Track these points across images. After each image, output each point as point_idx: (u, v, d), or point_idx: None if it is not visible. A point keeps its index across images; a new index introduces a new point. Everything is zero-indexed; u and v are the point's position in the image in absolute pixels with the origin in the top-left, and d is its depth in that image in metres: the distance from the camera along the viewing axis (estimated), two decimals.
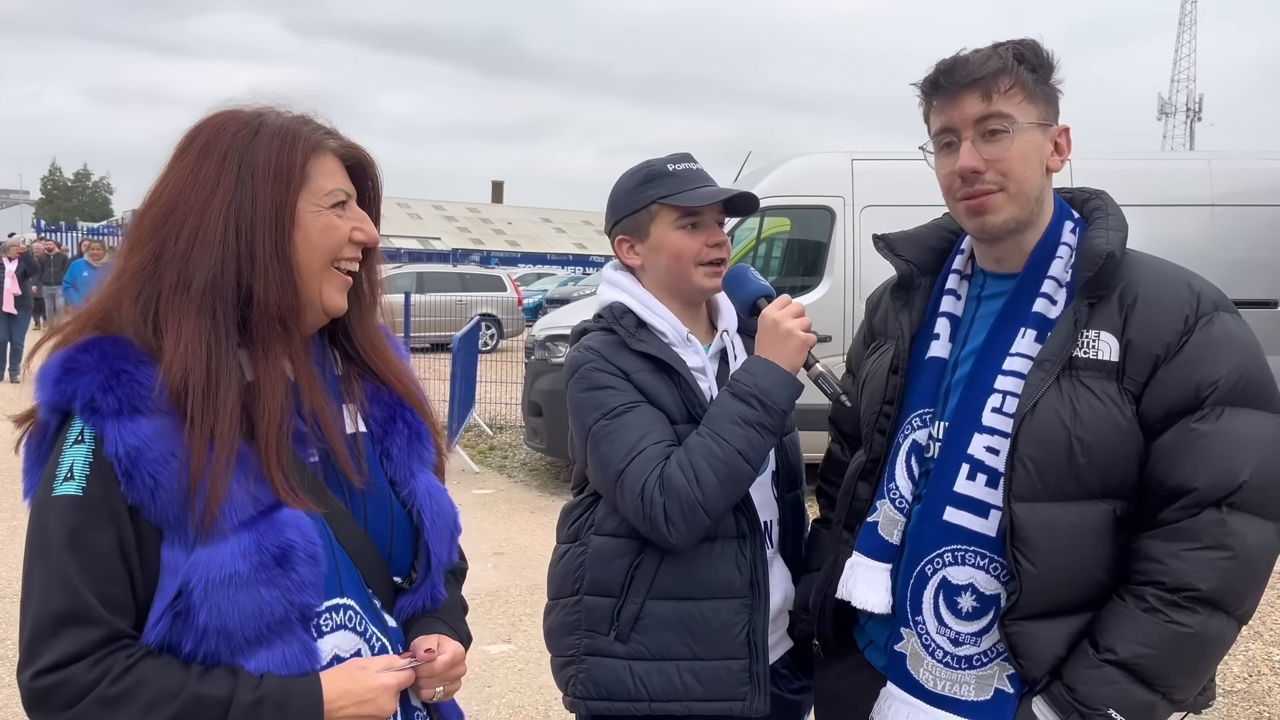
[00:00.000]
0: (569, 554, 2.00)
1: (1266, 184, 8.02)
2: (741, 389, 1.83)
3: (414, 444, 1.49)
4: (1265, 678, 4.71)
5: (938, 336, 1.77)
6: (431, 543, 1.45)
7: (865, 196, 7.90)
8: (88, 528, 1.19)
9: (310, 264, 1.35)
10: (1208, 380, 1.55)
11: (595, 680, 1.92)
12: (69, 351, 1.25)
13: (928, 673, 1.68)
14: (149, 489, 1.20)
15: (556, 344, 8.37)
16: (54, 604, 1.18)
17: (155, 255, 1.30)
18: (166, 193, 1.32)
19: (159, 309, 1.28)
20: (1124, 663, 1.52)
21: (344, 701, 1.28)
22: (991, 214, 1.65)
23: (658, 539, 1.85)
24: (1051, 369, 1.58)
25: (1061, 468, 1.56)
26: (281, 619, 1.24)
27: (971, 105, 1.62)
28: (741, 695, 1.91)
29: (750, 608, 1.92)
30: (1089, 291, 1.61)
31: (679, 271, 1.98)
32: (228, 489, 1.23)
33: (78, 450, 1.22)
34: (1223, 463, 1.52)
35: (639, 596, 1.90)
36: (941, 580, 1.67)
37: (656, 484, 1.82)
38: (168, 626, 1.21)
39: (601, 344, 1.97)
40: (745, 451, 1.81)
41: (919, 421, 1.75)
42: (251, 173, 1.32)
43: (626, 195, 2.02)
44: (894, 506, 1.76)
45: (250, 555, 1.22)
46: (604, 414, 1.90)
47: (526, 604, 5.50)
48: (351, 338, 1.48)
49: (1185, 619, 1.50)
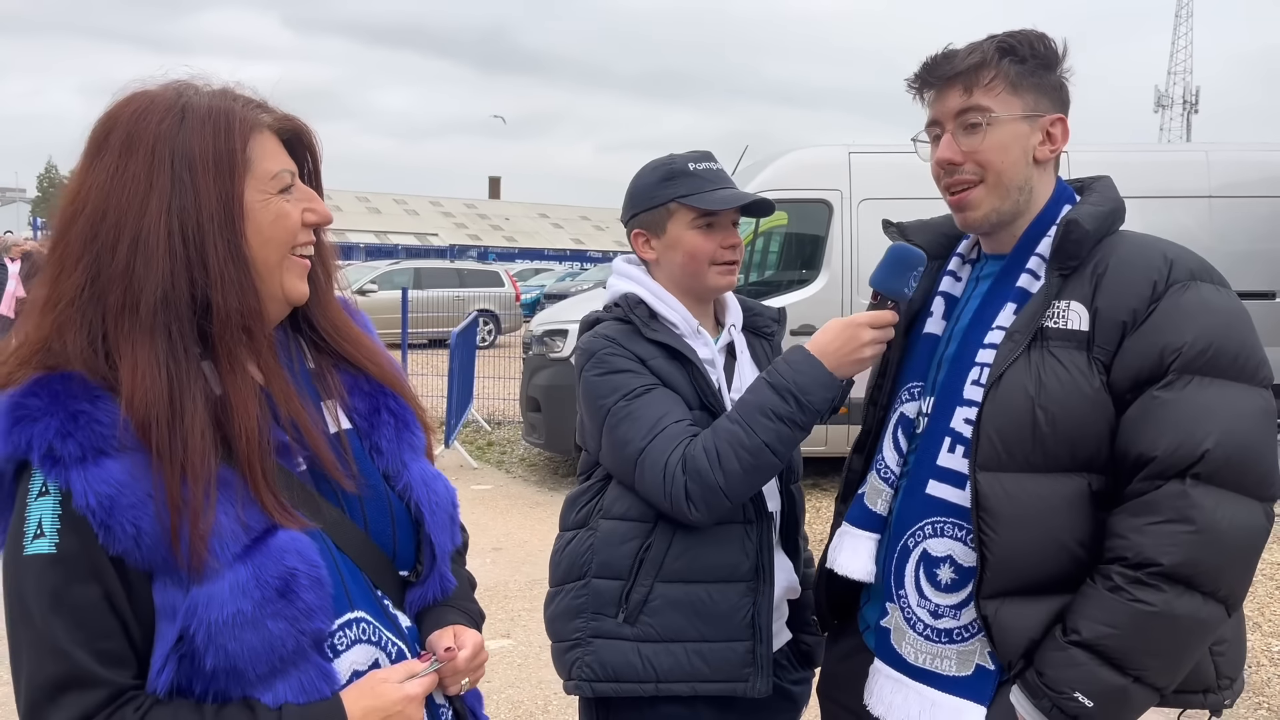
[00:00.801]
0: (576, 539, 2.02)
1: (1264, 175, 8.01)
2: (780, 382, 1.82)
3: (402, 433, 1.40)
4: (1264, 668, 4.72)
5: (932, 314, 1.81)
6: (434, 533, 1.38)
7: (863, 189, 7.89)
8: (69, 585, 1.09)
9: (267, 258, 1.23)
10: (1172, 346, 1.51)
11: (603, 662, 1.94)
12: (14, 396, 1.12)
13: (910, 646, 1.70)
14: (131, 537, 1.10)
15: (554, 339, 8.36)
16: (46, 671, 1.10)
17: (91, 275, 1.15)
18: (91, 199, 1.16)
19: (107, 335, 1.15)
20: (1088, 644, 1.50)
21: (372, 718, 1.20)
22: (972, 209, 1.69)
23: (678, 515, 1.88)
24: (1021, 339, 1.59)
25: (1026, 437, 1.56)
26: (294, 650, 1.16)
27: (953, 99, 1.67)
28: (745, 676, 1.94)
29: (755, 591, 1.96)
30: (1058, 261, 1.61)
31: (693, 270, 2.02)
32: (212, 524, 1.12)
33: (43, 503, 1.11)
34: (1182, 431, 1.48)
35: (648, 579, 1.93)
36: (922, 553, 1.69)
37: (680, 462, 1.84)
38: (174, 671, 1.13)
39: (617, 331, 2.00)
40: (773, 445, 1.81)
41: (908, 395, 1.79)
42: (188, 166, 1.17)
43: (646, 190, 2.05)
44: (880, 478, 1.79)
45: (251, 591, 1.12)
46: (623, 395, 1.93)
47: (525, 599, 5.50)
48: (313, 323, 1.37)
49: (1149, 596, 1.47)
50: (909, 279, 1.78)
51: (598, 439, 2.00)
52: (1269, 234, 7.86)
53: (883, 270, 1.80)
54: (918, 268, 1.78)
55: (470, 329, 10.51)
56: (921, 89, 1.72)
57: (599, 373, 1.96)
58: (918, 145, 1.79)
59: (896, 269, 1.78)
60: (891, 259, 1.79)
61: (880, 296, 1.80)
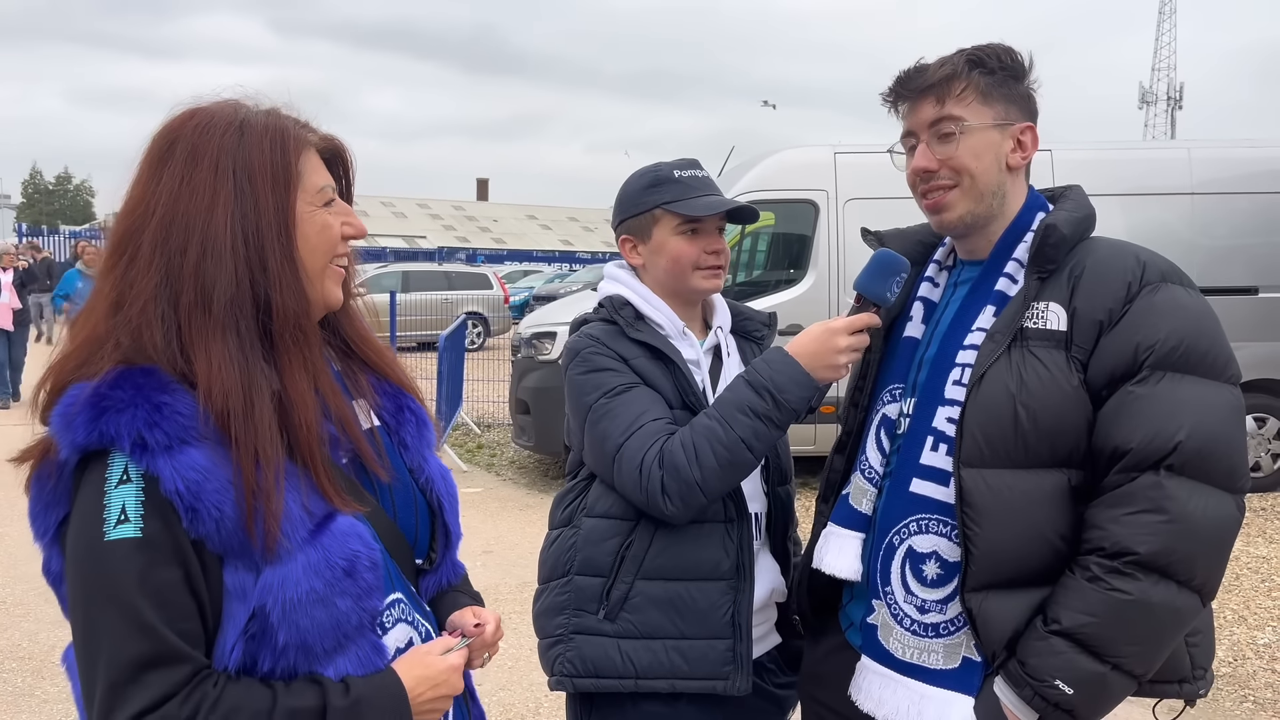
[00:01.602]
0: (561, 537, 2.05)
1: (1246, 171, 8.07)
2: (757, 380, 1.85)
3: (422, 430, 1.52)
4: (1250, 661, 4.76)
5: (912, 318, 1.86)
6: (450, 522, 1.51)
7: (849, 189, 7.93)
8: (154, 568, 1.15)
9: (313, 265, 1.32)
10: (1146, 344, 1.58)
11: (583, 657, 1.97)
12: (97, 388, 1.18)
13: (897, 642, 1.73)
14: (214, 520, 1.17)
15: (543, 341, 8.37)
16: (132, 649, 1.14)
17: (164, 276, 1.23)
18: (160, 205, 1.25)
19: (181, 332, 1.22)
20: (1068, 632, 1.54)
21: (422, 688, 1.31)
22: (948, 210, 1.75)
23: (654, 511, 1.90)
24: (1002, 340, 1.64)
25: (1008, 434, 1.61)
26: (356, 626, 1.26)
27: (926, 110, 1.75)
28: (725, 674, 1.96)
29: (735, 589, 1.98)
30: (1037, 265, 1.67)
31: (678, 274, 2.06)
32: (283, 508, 1.21)
33: (125, 491, 1.16)
34: (1156, 424, 1.54)
35: (629, 576, 1.95)
36: (907, 549, 1.73)
37: (656, 458, 1.87)
38: (242, 650, 1.20)
39: (601, 332, 2.04)
40: (749, 441, 1.84)
41: (889, 396, 1.84)
42: (248, 177, 1.26)
43: (633, 197, 2.10)
44: (864, 478, 1.83)
45: (322, 571, 1.22)
46: (604, 393, 1.96)
47: (516, 601, 5.51)
48: (340, 331, 1.47)
49: (1125, 585, 1.52)
50: (892, 284, 1.82)
51: (581, 436, 2.03)
52: (1251, 230, 7.92)
53: (867, 274, 1.84)
54: (901, 273, 1.83)
55: (459, 332, 10.50)
56: (896, 102, 1.80)
57: (582, 371, 2.00)
58: (894, 156, 1.86)
59: (880, 274, 1.82)
60: (876, 264, 1.83)
61: (863, 300, 1.84)
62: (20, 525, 1.29)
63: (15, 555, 6.37)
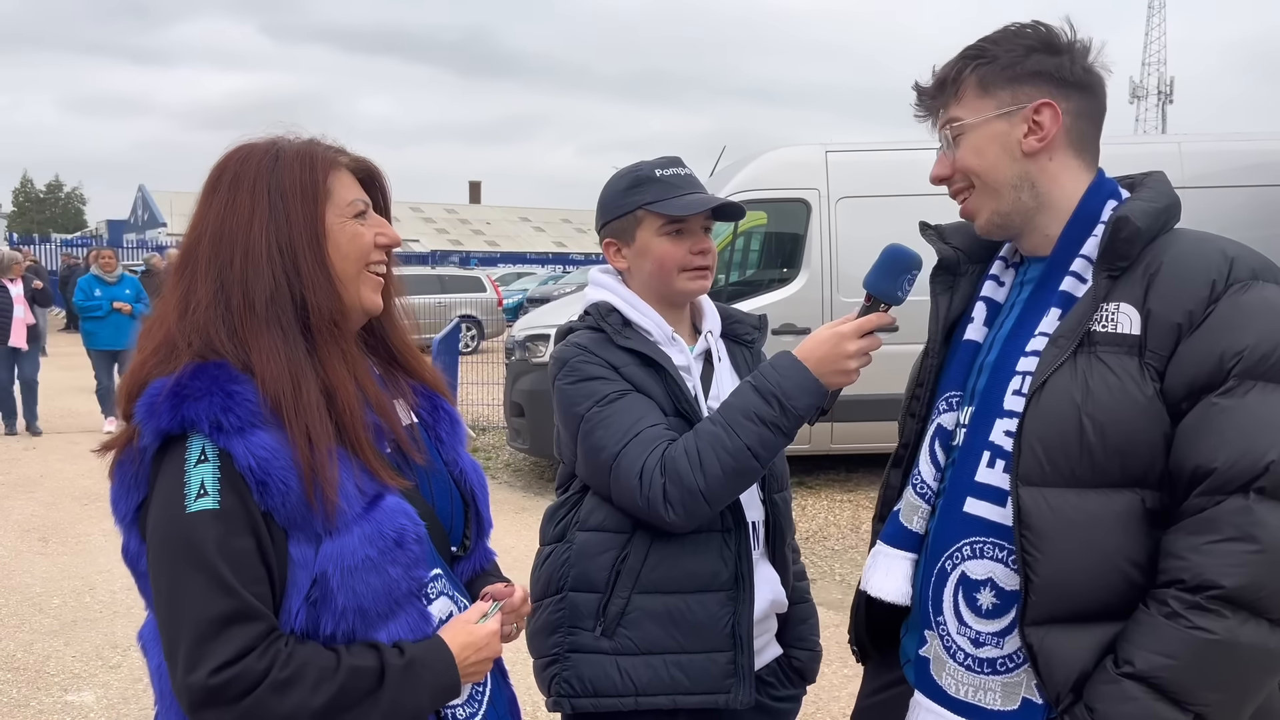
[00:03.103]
0: (554, 553, 2.00)
1: (1237, 165, 8.09)
2: (764, 385, 1.79)
3: (455, 428, 1.68)
4: None
5: (974, 320, 1.71)
6: (482, 510, 1.66)
7: (840, 188, 7.93)
8: (231, 536, 1.30)
9: (345, 271, 1.47)
10: (1232, 350, 1.39)
11: (581, 677, 1.92)
12: (178, 380, 1.34)
13: (950, 677, 1.58)
14: (281, 494, 1.32)
15: (537, 344, 8.36)
16: (216, 607, 1.28)
17: (218, 284, 1.42)
18: (211, 226, 1.45)
19: (237, 330, 1.39)
20: (1143, 676, 1.37)
21: (467, 652, 1.46)
22: (975, 216, 1.66)
23: (654, 519, 1.84)
24: (1066, 345, 1.48)
25: (1072, 449, 1.44)
26: (405, 593, 1.41)
27: (937, 119, 1.68)
28: (727, 687, 1.91)
29: (735, 600, 1.92)
30: (1107, 261, 1.50)
31: (663, 277, 2.00)
32: (338, 480, 1.36)
33: (203, 469, 1.32)
34: (1245, 441, 1.36)
35: (625, 591, 1.90)
36: (961, 575, 1.57)
37: (657, 465, 1.81)
38: (305, 615, 1.35)
39: (589, 340, 1.98)
40: (755, 448, 1.78)
41: (945, 405, 1.69)
42: (281, 194, 1.44)
43: (614, 199, 2.04)
44: (916, 494, 1.68)
45: (375, 541, 1.37)
46: (596, 401, 1.90)
47: None
48: (387, 340, 1.63)
49: (1210, 624, 1.34)
50: (902, 282, 1.73)
51: (573, 449, 1.97)
52: (1243, 224, 7.91)
53: (875, 272, 1.74)
54: (912, 270, 1.73)
55: (453, 335, 10.48)
56: (926, 117, 1.72)
57: (571, 380, 1.94)
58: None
59: (890, 271, 1.73)
60: (885, 261, 1.74)
61: (873, 299, 1.75)
62: (11, 536, 1.30)
63: (9, 566, 6.34)
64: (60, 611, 5.55)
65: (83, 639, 5.13)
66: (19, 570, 6.28)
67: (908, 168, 6.52)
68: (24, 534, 7.05)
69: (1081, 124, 1.61)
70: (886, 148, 8.01)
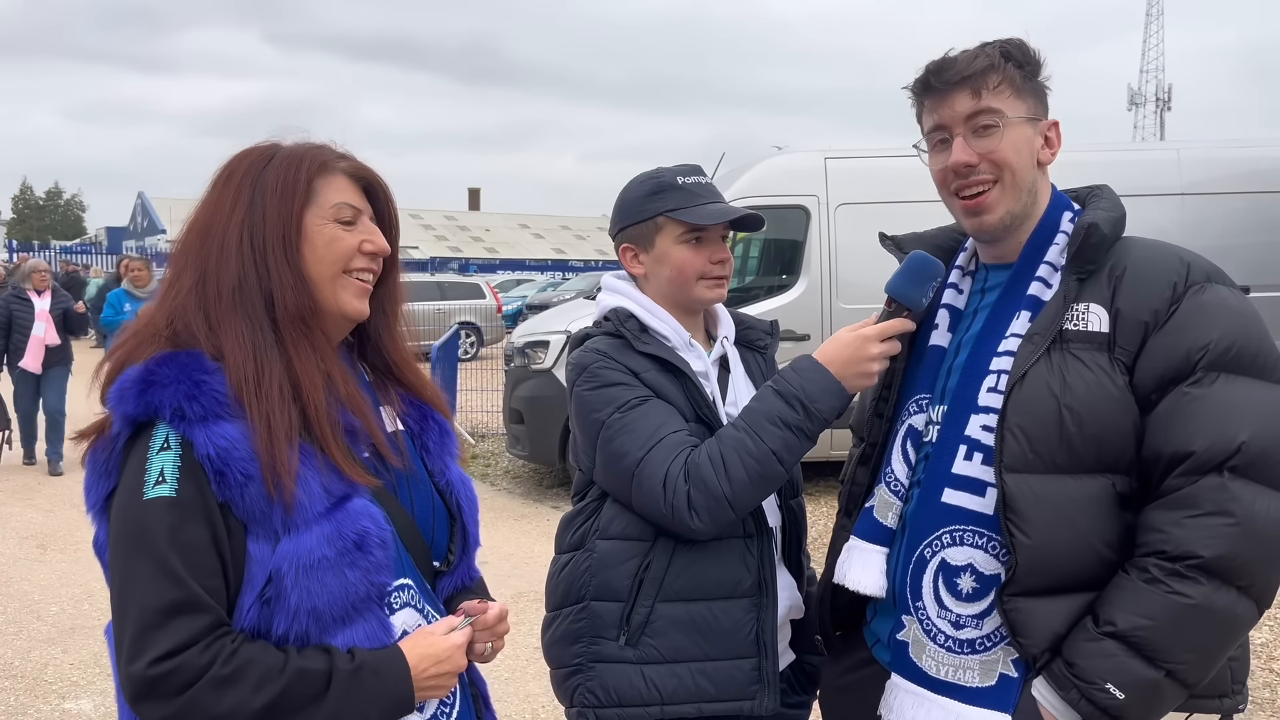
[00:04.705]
0: (573, 561, 1.98)
1: (1235, 171, 8.10)
2: (787, 389, 1.80)
3: (445, 439, 1.65)
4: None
5: (937, 326, 1.79)
6: (469, 525, 1.62)
7: (839, 194, 7.94)
8: (185, 525, 1.29)
9: (320, 273, 1.46)
10: (1198, 345, 1.53)
11: (605, 687, 1.90)
12: (147, 366, 1.35)
13: (930, 659, 1.66)
14: (239, 485, 1.31)
15: (536, 350, 8.35)
16: (163, 596, 1.26)
17: (199, 272, 1.44)
18: (201, 219, 1.48)
19: (210, 318, 1.41)
20: (1123, 634, 1.49)
21: (425, 664, 1.41)
22: (989, 212, 1.69)
23: (678, 528, 1.83)
24: (1041, 341, 1.59)
25: (1053, 437, 1.55)
26: (363, 597, 1.38)
27: (962, 103, 1.67)
28: (752, 694, 1.91)
29: (759, 606, 1.92)
30: (1077, 265, 1.62)
31: (681, 284, 2.00)
32: (297, 471, 1.34)
33: (165, 456, 1.31)
34: (1218, 425, 1.49)
35: (649, 599, 1.89)
36: (940, 562, 1.66)
37: (681, 471, 1.80)
38: (258, 613, 1.33)
39: (608, 345, 1.96)
40: (780, 452, 1.78)
41: (915, 407, 1.77)
42: (262, 191, 1.45)
43: (634, 204, 2.03)
44: (889, 490, 1.77)
45: (334, 541, 1.35)
46: (617, 408, 1.89)
47: (512, 612, 5.47)
48: (381, 351, 1.61)
49: (1188, 589, 1.46)
50: (927, 289, 1.76)
51: (592, 455, 1.95)
52: (1241, 230, 7.94)
53: (901, 278, 1.77)
54: (936, 278, 1.77)
55: (452, 342, 10.49)
56: (925, 94, 1.72)
57: (591, 387, 1.92)
58: (920, 152, 1.78)
59: (916, 278, 1.76)
60: (912, 267, 1.76)
61: (895, 304, 1.77)
62: (10, 543, 1.31)
63: (7, 574, 6.33)
64: (58, 619, 5.55)
65: (81, 646, 5.12)
66: (17, 577, 6.27)
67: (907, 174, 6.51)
68: (22, 541, 7.05)
69: None
70: (886, 154, 8.01)
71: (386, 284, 1.58)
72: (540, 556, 6.20)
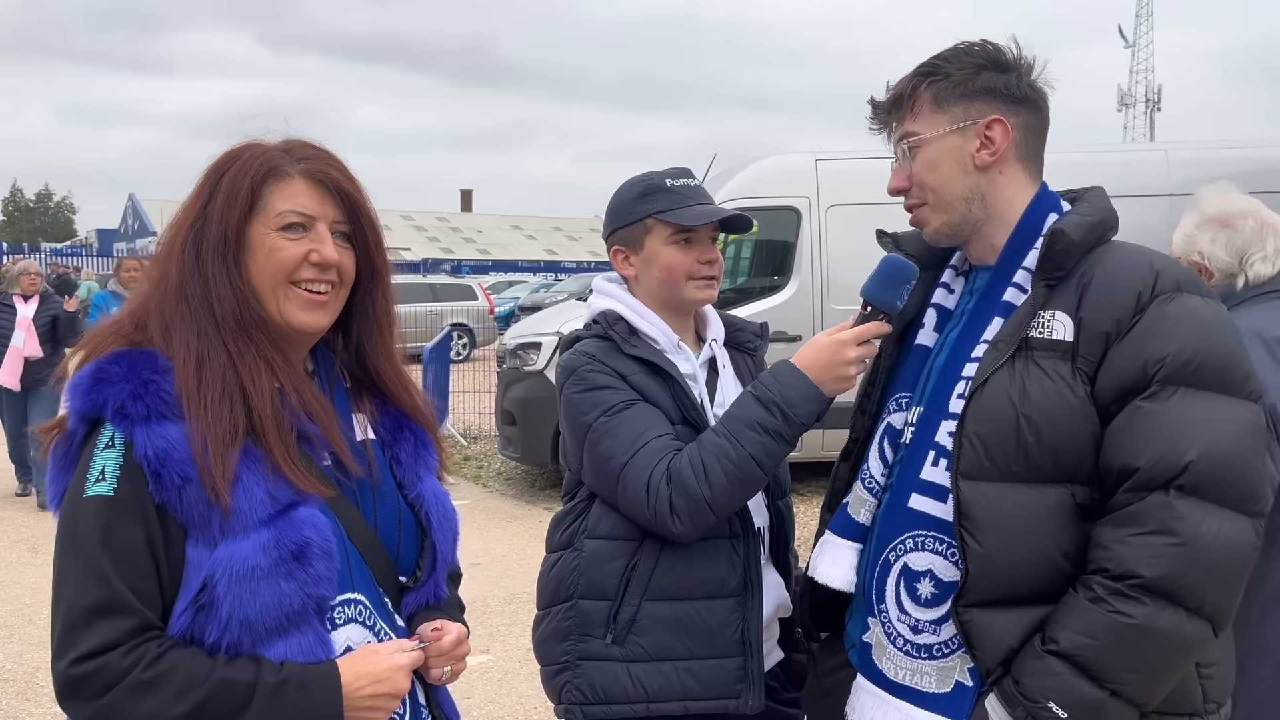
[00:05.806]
0: (562, 560, 2.01)
1: (1224, 172, 8.09)
2: (765, 395, 1.82)
3: (420, 451, 1.60)
4: None
5: (925, 325, 1.80)
6: (438, 541, 1.56)
7: (830, 196, 7.96)
8: (119, 525, 1.27)
9: (261, 284, 1.42)
10: (1155, 357, 1.50)
11: (592, 684, 1.93)
12: (100, 363, 1.35)
13: (890, 662, 1.68)
14: (177, 487, 1.29)
15: (529, 352, 8.35)
16: (89, 596, 1.25)
17: (162, 274, 1.44)
18: (173, 220, 1.48)
19: (165, 316, 1.40)
20: (1065, 653, 1.48)
21: (361, 682, 1.36)
22: (924, 226, 1.75)
23: (661, 531, 1.86)
24: (1005, 349, 1.58)
25: (1009, 445, 1.54)
26: (299, 610, 1.33)
27: (893, 134, 1.76)
28: (737, 692, 1.93)
29: (744, 605, 1.95)
30: (1044, 272, 1.60)
31: (671, 285, 2.03)
32: (233, 474, 1.31)
33: (108, 454, 1.30)
34: (1166, 442, 1.46)
35: (635, 598, 1.92)
36: (903, 567, 1.67)
37: (664, 476, 1.83)
38: (190, 619, 1.29)
39: (596, 348, 1.99)
40: (759, 457, 1.81)
41: (896, 405, 1.79)
42: (214, 198, 1.42)
43: (624, 207, 2.06)
44: (864, 488, 1.78)
45: (270, 550, 1.30)
46: (604, 411, 1.92)
47: (504, 614, 5.49)
48: (363, 358, 1.57)
49: (1129, 609, 1.44)
50: (901, 292, 1.77)
51: (580, 457, 1.98)
52: None
53: (875, 281, 1.78)
54: (910, 280, 1.77)
55: (444, 343, 10.48)
56: (880, 130, 1.79)
57: (579, 389, 1.95)
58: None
59: (889, 281, 1.77)
60: (884, 271, 1.77)
61: (870, 307, 1.79)
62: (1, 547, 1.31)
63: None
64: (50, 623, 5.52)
65: None
66: (8, 581, 6.25)
67: None
68: (13, 544, 7.03)
69: (1029, 138, 1.70)
70: (876, 156, 7.94)
71: (371, 290, 1.53)
72: (533, 558, 6.19)
